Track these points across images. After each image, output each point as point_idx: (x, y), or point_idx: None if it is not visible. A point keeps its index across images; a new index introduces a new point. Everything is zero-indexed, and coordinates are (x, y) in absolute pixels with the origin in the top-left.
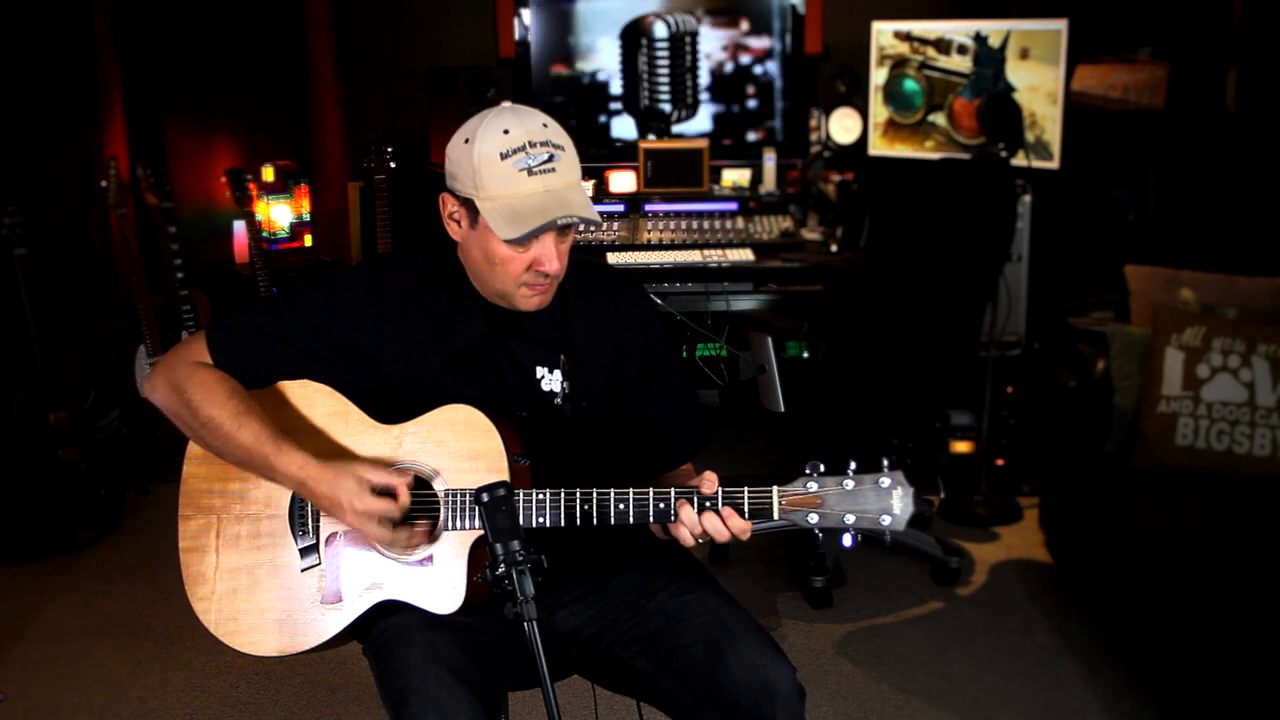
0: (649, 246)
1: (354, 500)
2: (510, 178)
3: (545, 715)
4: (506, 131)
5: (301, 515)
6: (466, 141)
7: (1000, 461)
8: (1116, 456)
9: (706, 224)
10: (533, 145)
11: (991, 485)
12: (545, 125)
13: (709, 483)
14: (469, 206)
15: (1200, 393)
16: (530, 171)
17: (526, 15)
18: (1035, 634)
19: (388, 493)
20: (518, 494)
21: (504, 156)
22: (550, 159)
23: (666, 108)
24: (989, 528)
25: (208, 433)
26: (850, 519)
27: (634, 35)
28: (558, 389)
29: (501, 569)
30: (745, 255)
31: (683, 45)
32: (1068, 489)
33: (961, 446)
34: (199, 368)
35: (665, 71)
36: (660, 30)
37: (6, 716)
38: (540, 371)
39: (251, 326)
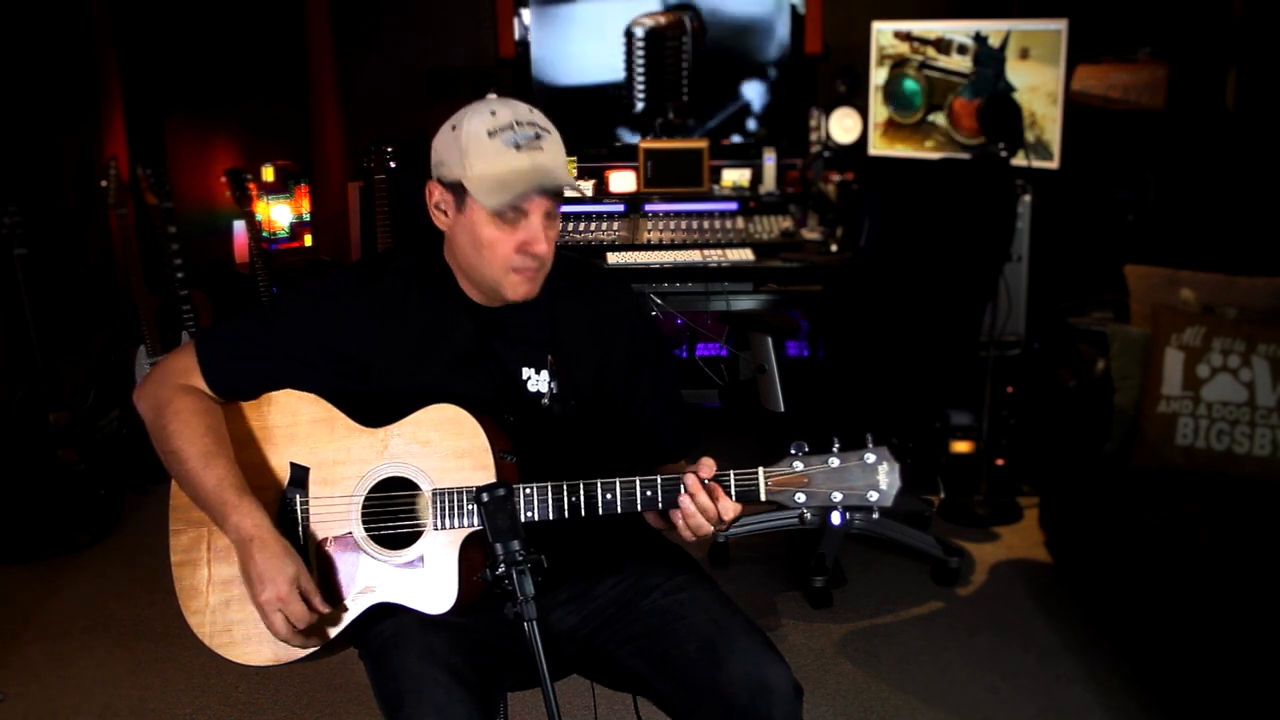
0: (649, 246)
1: (283, 588)
2: (498, 151)
3: (545, 715)
4: (494, 113)
5: (291, 522)
6: (453, 128)
7: (1000, 461)
8: (1116, 456)
9: (706, 224)
10: (519, 124)
11: (991, 485)
12: (531, 110)
13: (706, 467)
14: (456, 190)
15: (1200, 393)
16: (518, 146)
17: (526, 15)
18: (1035, 633)
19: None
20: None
21: (491, 134)
22: (538, 137)
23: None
24: (989, 528)
25: (173, 462)
26: (837, 497)
27: (632, 35)
28: (545, 389)
29: (501, 569)
30: (745, 255)
31: (679, 44)
32: (1068, 489)
33: (961, 446)
34: (184, 392)
35: (661, 69)
36: (652, 30)
37: (6, 716)
38: (527, 373)
39: (240, 338)
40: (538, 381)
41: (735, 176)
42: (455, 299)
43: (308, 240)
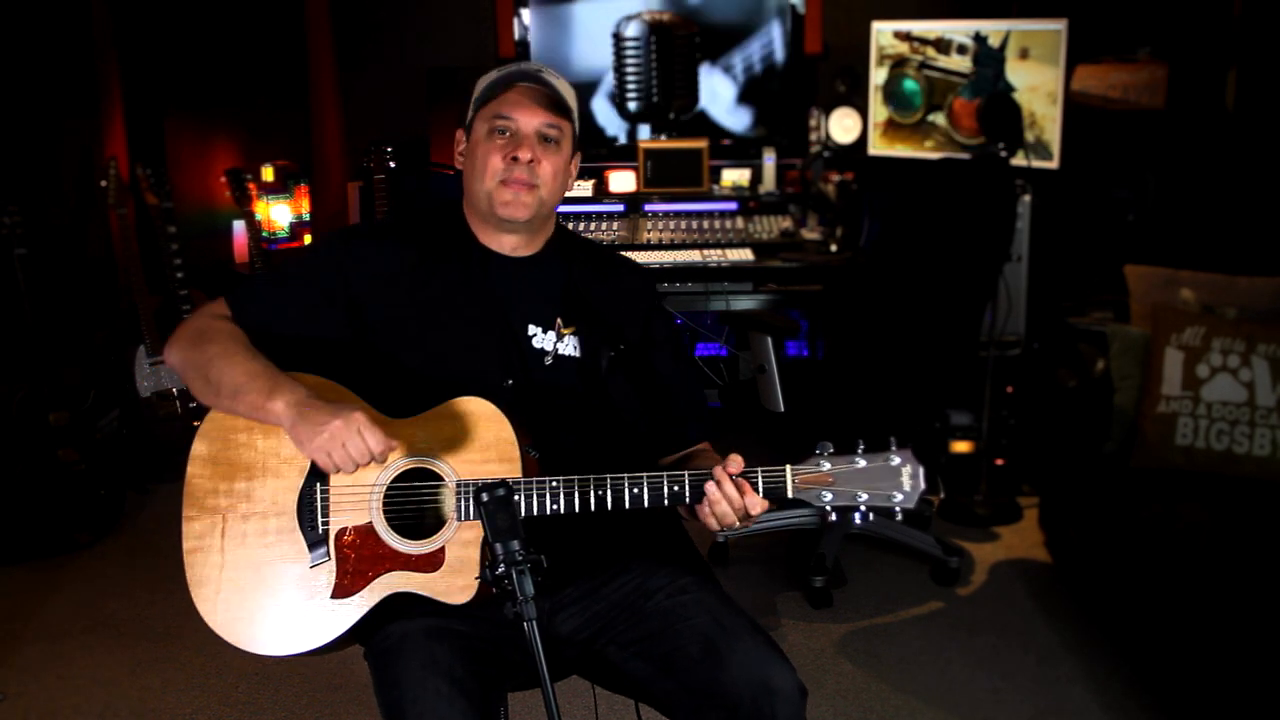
0: (649, 246)
1: (354, 415)
2: (496, 74)
3: (545, 715)
4: (509, 64)
5: (310, 511)
6: None
7: (1000, 461)
8: (1116, 456)
9: (706, 224)
10: (527, 68)
11: (991, 485)
12: (546, 68)
13: (735, 463)
14: (469, 128)
15: (1200, 392)
16: (520, 68)
17: (526, 15)
18: (1035, 633)
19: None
20: (530, 482)
21: (499, 71)
22: (540, 72)
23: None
24: (989, 528)
25: (220, 360)
26: (863, 497)
27: (621, 34)
28: (549, 348)
29: (501, 569)
30: (745, 255)
31: (669, 44)
32: (1068, 489)
33: (961, 446)
34: (219, 317)
35: (652, 69)
36: (641, 30)
37: (6, 716)
38: (533, 330)
39: (266, 275)
40: (543, 340)
41: (735, 176)
42: (472, 247)
43: (307, 240)
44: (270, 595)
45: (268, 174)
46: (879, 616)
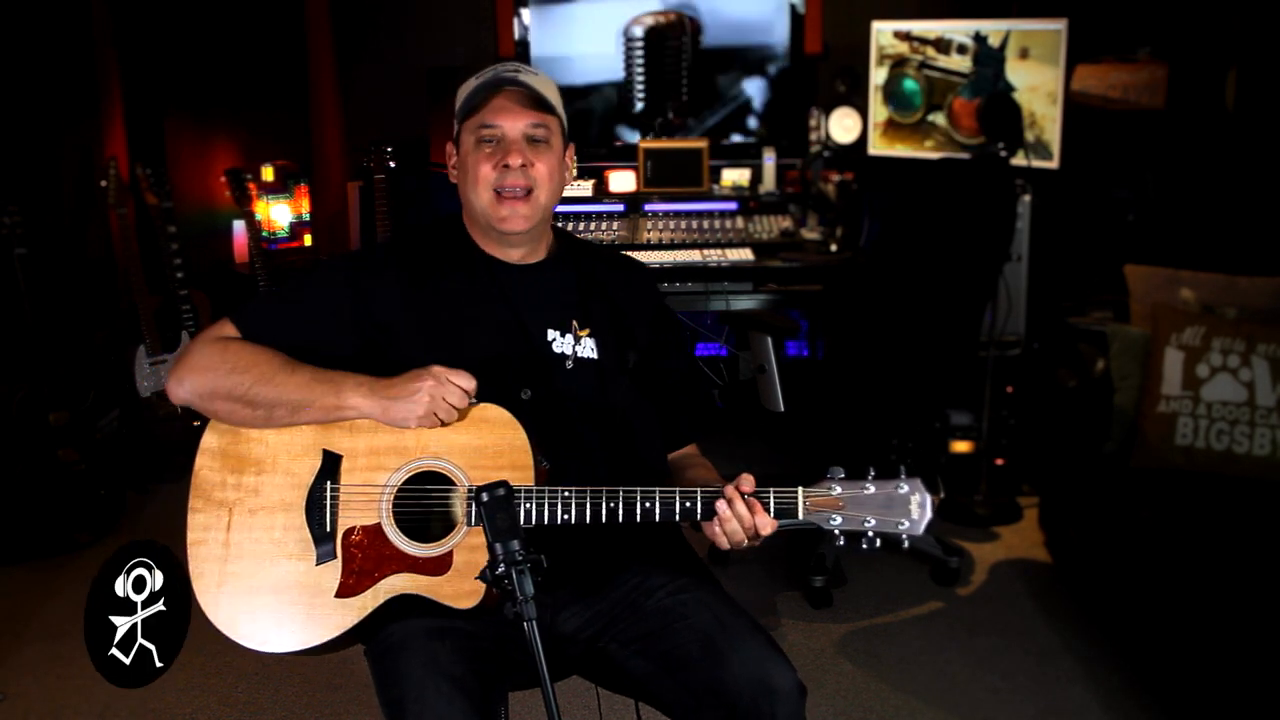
0: (649, 246)
1: (430, 369)
2: (476, 82)
3: (545, 715)
4: (486, 69)
5: (319, 509)
6: None
7: (1000, 461)
8: (1116, 456)
9: (706, 224)
10: (504, 72)
11: (991, 485)
12: (523, 67)
13: (746, 482)
14: (456, 140)
15: (1200, 392)
16: (497, 74)
17: (526, 15)
18: (1035, 633)
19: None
20: (543, 491)
21: (477, 79)
22: (517, 71)
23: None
24: (989, 528)
25: (262, 385)
26: (871, 523)
27: (630, 34)
28: (569, 352)
29: (501, 569)
30: (745, 255)
31: (678, 44)
32: (1068, 489)
33: (961, 446)
34: (229, 340)
35: (653, 70)
36: (644, 31)
37: (6, 716)
38: (552, 334)
39: (274, 298)
40: (562, 344)
41: (735, 176)
42: (477, 259)
43: (307, 240)
44: (273, 591)
45: (268, 174)
46: (879, 616)
